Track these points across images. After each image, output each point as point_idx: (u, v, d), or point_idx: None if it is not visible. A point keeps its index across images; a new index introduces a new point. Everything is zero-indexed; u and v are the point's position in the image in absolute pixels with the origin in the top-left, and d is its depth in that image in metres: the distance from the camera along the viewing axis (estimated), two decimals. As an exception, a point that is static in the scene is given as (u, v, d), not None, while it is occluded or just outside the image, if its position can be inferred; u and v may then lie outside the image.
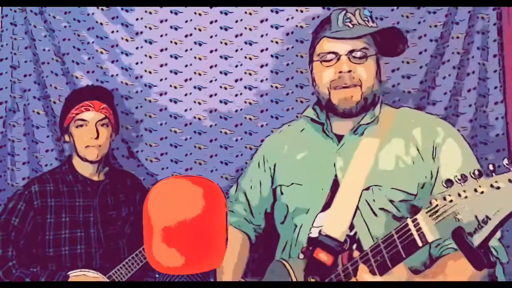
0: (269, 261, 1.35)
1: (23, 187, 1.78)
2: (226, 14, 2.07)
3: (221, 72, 2.08)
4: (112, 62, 2.10)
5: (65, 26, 2.10)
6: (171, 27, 2.08)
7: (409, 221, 0.97)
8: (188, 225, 0.91)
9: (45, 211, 1.71)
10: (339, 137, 1.31)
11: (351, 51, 1.24)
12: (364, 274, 1.02)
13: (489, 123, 1.99)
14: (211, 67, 2.08)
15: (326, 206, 1.26)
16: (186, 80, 2.09)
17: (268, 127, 2.07)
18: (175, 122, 2.10)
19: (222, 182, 2.08)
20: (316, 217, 1.27)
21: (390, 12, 2.00)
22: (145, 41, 2.09)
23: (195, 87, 2.09)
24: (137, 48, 2.09)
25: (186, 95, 2.09)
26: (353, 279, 1.05)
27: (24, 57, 2.13)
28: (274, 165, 1.44)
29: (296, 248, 1.30)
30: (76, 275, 1.66)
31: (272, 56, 2.06)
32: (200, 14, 2.07)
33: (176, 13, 2.08)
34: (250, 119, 2.07)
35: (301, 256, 1.27)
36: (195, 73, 2.09)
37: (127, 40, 2.09)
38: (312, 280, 1.16)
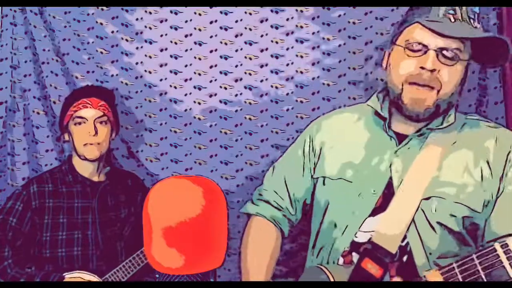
0: (298, 257, 1.27)
1: (22, 187, 1.77)
2: (226, 14, 2.07)
3: (221, 72, 2.08)
4: (112, 62, 2.10)
5: (65, 26, 2.10)
6: (171, 27, 2.08)
7: (497, 245, 0.89)
8: (188, 225, 0.91)
9: (43, 212, 1.71)
10: (399, 136, 1.18)
11: (443, 49, 1.07)
12: None
13: (489, 123, 1.99)
14: (211, 67, 2.08)
15: (376, 210, 1.14)
16: (186, 80, 2.09)
17: (268, 127, 2.07)
18: (175, 122, 2.10)
19: (222, 182, 2.08)
20: (364, 221, 1.15)
21: (390, 12, 2.00)
22: (145, 41, 2.09)
23: (195, 87, 2.09)
24: (137, 48, 2.09)
25: (186, 95, 2.09)
26: None
27: (24, 57, 2.13)
28: (320, 151, 1.27)
29: (334, 251, 1.18)
30: (71, 277, 1.66)
31: (272, 56, 2.06)
32: (200, 14, 2.07)
33: (176, 13, 2.08)
34: (250, 119, 2.07)
35: (341, 260, 1.17)
36: (195, 73, 2.09)
37: (127, 40, 2.09)
38: None
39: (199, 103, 2.09)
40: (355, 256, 1.15)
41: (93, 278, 1.68)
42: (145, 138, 2.12)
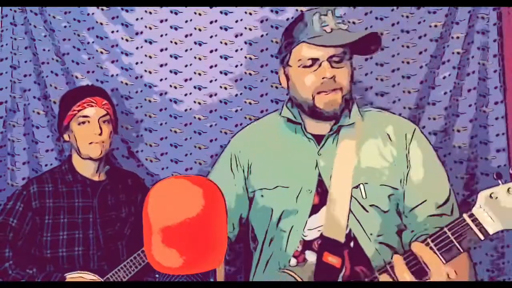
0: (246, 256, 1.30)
1: (22, 188, 1.76)
2: (226, 14, 2.07)
3: (221, 72, 2.08)
4: (112, 62, 2.11)
5: (65, 26, 2.10)
6: (171, 27, 2.08)
7: (465, 216, 0.99)
8: (188, 225, 0.91)
9: (43, 212, 1.71)
10: (317, 137, 1.31)
11: (331, 56, 1.24)
12: (405, 275, 0.99)
13: (489, 123, 1.99)
14: (211, 67, 2.08)
15: (315, 208, 1.26)
16: (186, 80, 2.09)
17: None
18: (175, 122, 2.10)
19: (222, 182, 2.07)
20: (308, 219, 1.25)
21: (390, 12, 2.00)
22: (145, 41, 2.09)
23: (195, 87, 2.09)
24: (137, 48, 2.09)
25: (186, 95, 2.10)
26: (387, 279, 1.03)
27: (24, 57, 2.13)
28: (249, 166, 1.37)
29: (286, 254, 1.26)
30: (72, 277, 1.66)
31: (272, 56, 2.06)
32: (200, 14, 2.07)
33: (176, 13, 2.08)
34: (250, 119, 2.07)
35: (293, 261, 1.25)
36: (195, 73, 2.09)
37: (127, 40, 2.09)
38: None
39: (199, 103, 2.10)
40: (308, 254, 1.25)
41: (94, 278, 1.68)
42: (145, 138, 2.12)
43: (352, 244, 1.23)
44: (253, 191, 1.35)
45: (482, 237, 0.99)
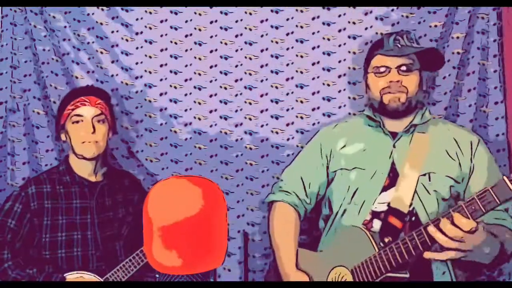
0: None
1: (20, 189, 1.76)
2: (226, 14, 2.07)
3: (221, 72, 2.08)
4: (112, 62, 2.10)
5: (65, 26, 2.10)
6: (171, 27, 2.08)
7: (505, 178, 1.19)
8: (188, 225, 0.91)
9: (42, 213, 1.70)
10: (393, 134, 1.62)
11: (400, 66, 1.57)
12: (458, 217, 1.23)
13: (489, 123, 1.99)
14: (211, 67, 2.08)
15: (386, 188, 1.56)
16: (186, 80, 2.09)
17: (268, 127, 2.07)
18: (175, 122, 2.10)
19: (222, 182, 2.08)
20: (379, 195, 1.55)
21: (390, 12, 2.00)
22: (145, 41, 2.09)
23: (195, 87, 2.09)
24: (137, 48, 2.09)
25: (186, 95, 2.09)
26: (443, 223, 1.26)
27: (24, 57, 2.13)
28: (331, 152, 1.70)
29: (357, 221, 1.55)
30: (72, 277, 1.66)
31: (272, 56, 2.06)
32: (200, 14, 2.07)
33: (176, 13, 2.08)
34: (250, 119, 2.07)
35: (363, 227, 1.51)
36: (195, 73, 2.09)
37: (127, 40, 2.09)
38: (386, 240, 1.44)
39: (199, 103, 2.09)
40: (375, 222, 1.55)
41: (94, 278, 1.68)
42: (145, 138, 2.12)
43: (413, 218, 1.52)
44: (334, 171, 1.67)
45: None
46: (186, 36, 2.08)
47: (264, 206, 2.06)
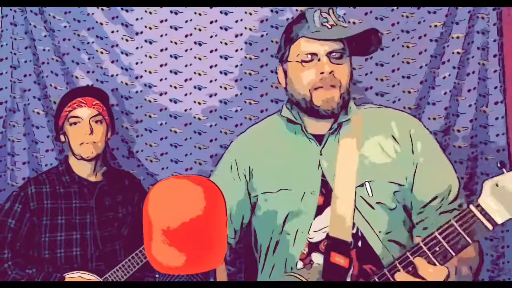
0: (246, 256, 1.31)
1: (19, 189, 1.76)
2: (226, 14, 2.07)
3: (221, 72, 2.08)
4: (112, 62, 2.11)
5: (65, 26, 2.10)
6: (171, 27, 2.08)
7: (472, 207, 0.98)
8: (188, 225, 0.91)
9: (41, 213, 1.71)
10: (317, 137, 1.29)
11: (330, 52, 1.22)
12: (422, 266, 1.00)
13: (489, 123, 1.99)
14: (211, 67, 2.08)
15: (320, 208, 1.24)
16: (186, 80, 2.09)
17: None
18: (175, 122, 2.10)
19: (222, 182, 2.07)
20: (313, 221, 1.24)
21: (390, 12, 2.00)
22: (145, 41, 2.09)
23: (195, 87, 2.09)
24: (137, 48, 2.09)
25: (186, 95, 2.10)
26: (402, 276, 1.02)
27: (24, 57, 2.13)
28: (250, 171, 1.34)
29: (291, 256, 1.25)
30: (71, 277, 1.66)
31: (271, 56, 2.06)
32: (200, 14, 2.07)
33: (176, 13, 2.08)
34: (250, 119, 2.07)
35: (300, 264, 1.24)
36: (195, 73, 2.09)
37: (127, 40, 2.09)
38: None
39: (199, 103, 2.09)
40: (314, 257, 1.23)
41: (93, 277, 1.68)
42: (145, 138, 2.12)
43: (360, 243, 1.21)
44: (256, 195, 1.32)
45: (490, 227, 0.97)
46: (186, 36, 2.08)
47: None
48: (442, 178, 1.24)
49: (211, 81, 2.09)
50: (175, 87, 2.10)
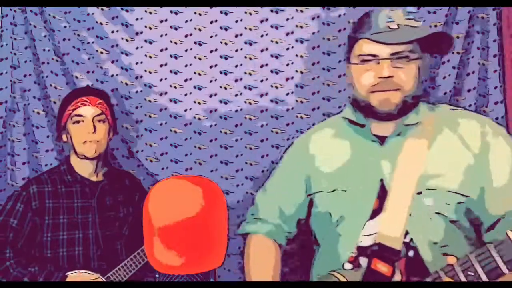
0: (302, 273, 1.31)
1: (21, 188, 1.76)
2: (226, 14, 2.07)
3: (221, 72, 2.08)
4: (112, 62, 2.11)
5: (65, 26, 2.10)
6: (171, 27, 2.08)
7: (490, 246, 0.92)
8: (188, 225, 0.91)
9: (43, 212, 1.71)
10: (381, 138, 1.23)
11: (393, 54, 1.16)
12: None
13: (489, 123, 1.99)
14: (211, 67, 2.08)
15: (375, 213, 1.18)
16: (186, 80, 2.09)
17: (268, 127, 2.07)
18: (175, 122, 2.10)
19: (222, 182, 2.08)
20: (365, 225, 1.19)
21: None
22: (145, 41, 2.09)
23: (195, 87, 2.09)
24: (137, 48, 2.09)
25: (186, 95, 2.10)
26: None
27: (24, 57, 2.13)
28: (309, 171, 1.33)
29: (340, 258, 1.21)
30: (74, 276, 1.66)
31: (272, 56, 2.06)
32: (200, 14, 2.07)
33: (176, 13, 2.08)
34: (250, 119, 2.07)
35: (348, 266, 1.19)
36: (195, 73, 2.09)
37: (127, 40, 2.09)
38: None
39: (199, 103, 2.10)
40: (362, 260, 1.18)
41: (95, 276, 1.69)
42: (145, 138, 2.12)
43: (411, 253, 1.14)
44: (313, 194, 1.31)
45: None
46: (186, 36, 2.09)
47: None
48: None
49: (211, 81, 2.09)
50: (175, 87, 2.10)
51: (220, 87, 2.08)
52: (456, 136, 1.19)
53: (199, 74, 2.09)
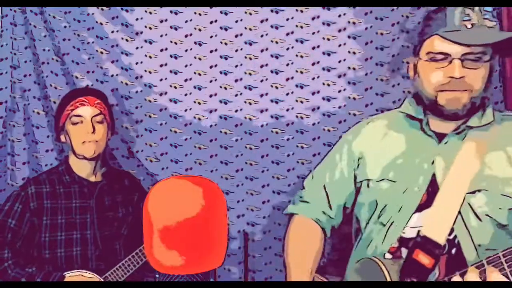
0: (343, 259, 1.32)
1: (19, 188, 1.76)
2: (226, 14, 2.07)
3: (221, 72, 2.08)
4: (112, 62, 2.11)
5: (65, 26, 2.10)
6: (171, 27, 2.08)
7: None
8: (188, 225, 0.91)
9: (41, 213, 1.71)
10: (439, 136, 1.23)
11: (466, 54, 1.13)
12: (493, 276, 0.96)
13: (489, 123, 1.99)
14: (211, 67, 2.08)
15: (422, 206, 1.19)
16: (186, 80, 2.09)
17: (268, 127, 2.07)
18: (175, 122, 2.10)
19: (222, 182, 2.08)
20: (411, 217, 1.20)
21: (390, 12, 2.00)
22: (145, 41, 2.09)
23: (195, 87, 2.09)
24: (137, 48, 2.09)
25: (186, 95, 2.09)
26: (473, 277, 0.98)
27: (24, 57, 2.13)
28: (360, 158, 1.33)
29: (380, 248, 1.22)
30: (72, 276, 1.66)
31: (272, 56, 2.06)
32: (200, 14, 2.07)
33: (176, 13, 2.08)
34: (250, 119, 2.07)
35: (388, 255, 1.21)
36: (195, 73, 2.09)
37: (127, 40, 2.09)
38: (409, 281, 1.12)
39: (199, 103, 2.09)
40: (403, 251, 1.20)
41: (93, 276, 1.69)
42: (145, 138, 2.12)
43: (454, 251, 1.15)
44: (361, 181, 1.32)
45: None
46: (186, 36, 2.09)
47: (266, 207, 2.07)
48: None
49: (211, 81, 2.09)
50: (175, 87, 2.10)
51: (220, 87, 2.08)
52: None
53: (199, 74, 2.09)
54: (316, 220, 1.38)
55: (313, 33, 2.03)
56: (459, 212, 1.14)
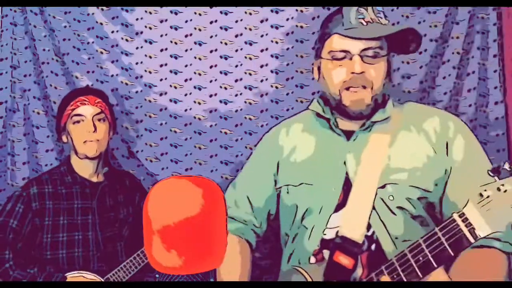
0: (273, 268, 1.30)
1: (21, 189, 1.76)
2: (226, 14, 2.07)
3: (221, 72, 2.08)
4: (112, 62, 2.11)
5: (65, 26, 2.10)
6: (171, 27, 2.08)
7: (455, 216, 0.94)
8: (188, 225, 0.91)
9: (43, 213, 1.71)
10: (347, 133, 1.26)
11: (364, 50, 1.18)
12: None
13: (489, 123, 1.99)
14: (211, 67, 2.08)
15: (339, 206, 1.20)
16: (186, 80, 2.09)
17: (268, 127, 2.05)
18: (175, 122, 2.10)
19: (222, 182, 2.08)
20: (329, 218, 1.21)
21: (390, 12, 2.00)
22: (145, 41, 2.09)
23: (195, 87, 2.09)
24: (137, 48, 2.09)
25: (186, 95, 2.10)
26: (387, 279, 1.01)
27: (24, 57, 2.13)
28: (277, 164, 1.35)
29: (307, 251, 1.23)
30: (73, 277, 1.66)
31: (272, 56, 2.06)
32: (200, 14, 2.07)
33: (176, 13, 2.08)
34: (250, 119, 2.07)
35: (313, 259, 1.22)
36: (195, 73, 2.09)
37: (127, 40, 2.09)
38: None
39: (199, 103, 2.09)
40: (326, 253, 1.20)
41: (95, 277, 1.69)
42: (145, 138, 2.12)
43: (373, 247, 1.16)
44: (280, 187, 1.33)
45: (472, 240, 0.92)
46: (186, 36, 2.09)
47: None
48: (476, 180, 1.10)
49: (211, 81, 2.09)
50: (175, 87, 2.10)
51: (220, 87, 2.08)
52: (420, 132, 1.22)
53: (199, 74, 2.09)
54: (239, 233, 1.36)
55: (313, 33, 2.04)
56: (374, 208, 1.16)
